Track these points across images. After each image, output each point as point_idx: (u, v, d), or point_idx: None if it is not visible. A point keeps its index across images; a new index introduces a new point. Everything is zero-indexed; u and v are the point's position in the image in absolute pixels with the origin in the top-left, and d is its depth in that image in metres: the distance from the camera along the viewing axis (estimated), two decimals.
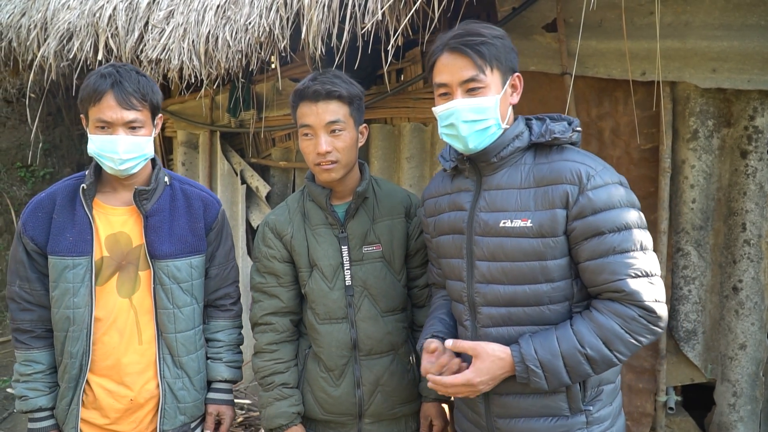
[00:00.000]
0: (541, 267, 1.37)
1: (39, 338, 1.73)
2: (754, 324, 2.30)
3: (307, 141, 1.68)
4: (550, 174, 1.37)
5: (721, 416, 2.39)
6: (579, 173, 1.34)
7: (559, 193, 1.34)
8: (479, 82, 1.37)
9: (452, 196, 1.53)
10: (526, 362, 1.33)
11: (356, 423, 1.78)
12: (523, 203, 1.38)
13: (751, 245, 2.28)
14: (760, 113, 2.23)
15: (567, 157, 1.39)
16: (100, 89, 1.59)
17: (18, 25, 3.60)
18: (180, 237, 1.76)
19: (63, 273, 1.67)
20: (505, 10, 2.54)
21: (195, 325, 1.81)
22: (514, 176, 1.42)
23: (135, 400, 1.73)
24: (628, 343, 1.31)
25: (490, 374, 1.35)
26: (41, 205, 1.72)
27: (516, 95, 1.46)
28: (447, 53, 1.40)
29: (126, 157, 1.63)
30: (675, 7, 2.25)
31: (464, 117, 1.38)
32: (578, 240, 1.35)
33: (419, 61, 3.09)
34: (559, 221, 1.34)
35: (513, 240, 1.38)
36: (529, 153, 1.44)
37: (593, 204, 1.32)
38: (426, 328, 1.62)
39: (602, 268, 1.32)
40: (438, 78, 1.42)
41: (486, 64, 1.37)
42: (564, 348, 1.32)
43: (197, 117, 4.04)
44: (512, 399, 1.44)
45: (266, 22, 2.56)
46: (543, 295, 1.38)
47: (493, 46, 1.38)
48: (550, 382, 1.33)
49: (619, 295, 1.31)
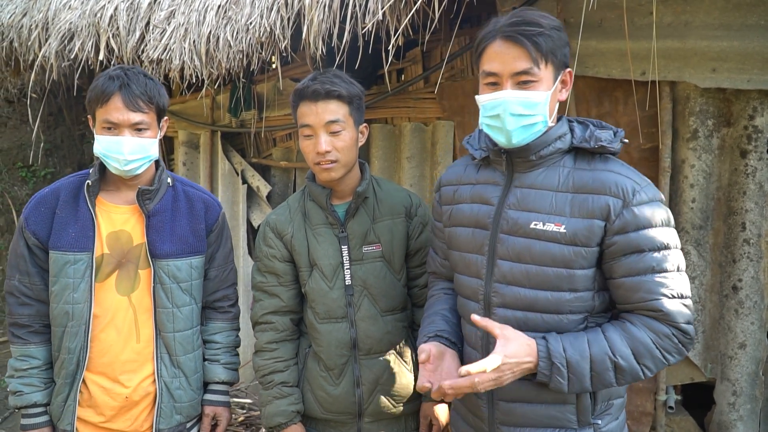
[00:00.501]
0: (568, 275, 1.31)
1: (36, 333, 1.74)
2: (754, 323, 2.31)
3: (307, 140, 1.69)
4: (592, 183, 1.31)
5: (721, 415, 2.40)
6: (624, 187, 1.28)
7: (600, 204, 1.29)
8: (532, 76, 1.29)
9: (477, 188, 1.46)
10: (552, 358, 1.26)
11: (356, 422, 1.78)
12: (558, 207, 1.32)
13: (750, 244, 2.28)
14: (760, 113, 2.23)
15: (612, 168, 1.33)
16: (107, 91, 1.61)
17: (19, 25, 3.61)
18: (181, 237, 1.77)
19: (64, 268, 1.68)
20: (505, 10, 2.55)
21: (193, 324, 1.83)
22: (551, 177, 1.35)
23: (130, 397, 1.74)
24: (657, 360, 1.28)
25: (517, 358, 1.24)
26: (44, 201, 1.73)
27: (565, 92, 1.38)
28: (500, 40, 1.30)
29: (131, 158, 1.65)
30: (675, 7, 2.25)
31: (512, 110, 1.29)
32: (616, 255, 1.30)
33: (420, 61, 3.10)
34: (595, 232, 1.29)
35: (542, 243, 1.32)
36: (568, 156, 1.38)
37: (637, 220, 1.27)
38: (426, 325, 1.54)
39: (639, 286, 1.28)
40: (487, 66, 1.32)
41: (541, 57, 1.28)
42: (594, 351, 1.26)
43: (198, 117, 4.05)
44: (519, 407, 1.38)
45: (267, 22, 2.57)
46: (565, 304, 1.33)
47: (550, 38, 1.29)
48: (572, 384, 1.27)
49: (655, 314, 1.28)
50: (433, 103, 3.05)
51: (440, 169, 3.02)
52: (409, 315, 1.86)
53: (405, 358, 1.82)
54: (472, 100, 2.79)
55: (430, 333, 1.49)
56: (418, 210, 1.83)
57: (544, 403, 1.37)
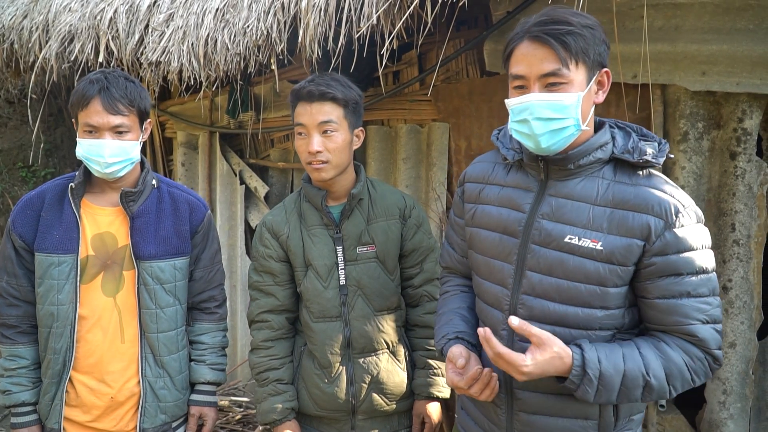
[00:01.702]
0: (602, 293, 1.25)
1: (24, 333, 1.77)
2: (744, 323, 2.34)
3: (300, 140, 1.72)
4: (634, 199, 1.24)
5: (712, 414, 2.43)
6: (668, 208, 1.22)
7: (640, 223, 1.22)
8: (561, 77, 1.21)
9: (507, 191, 1.38)
10: (587, 368, 1.20)
11: (349, 419, 1.81)
12: (596, 222, 1.25)
13: (740, 245, 2.31)
14: (749, 115, 2.26)
15: (656, 185, 1.26)
16: (87, 95, 1.64)
17: (20, 27, 3.64)
18: (164, 239, 1.79)
19: (48, 270, 1.70)
20: (499, 13, 2.58)
21: (177, 325, 1.84)
22: (590, 189, 1.28)
23: (115, 398, 1.76)
24: (685, 381, 1.24)
25: (541, 370, 1.20)
26: (30, 203, 1.76)
27: (602, 93, 1.30)
28: (527, 42, 1.24)
29: (111, 161, 1.67)
30: (665, 11, 2.28)
31: (539, 114, 1.22)
32: (652, 276, 1.24)
33: (416, 63, 3.13)
34: (634, 252, 1.23)
35: (577, 259, 1.26)
36: (608, 167, 1.30)
37: (679, 243, 1.21)
38: (444, 323, 1.48)
39: (674, 309, 1.23)
40: (514, 69, 1.26)
41: (570, 57, 1.21)
42: (629, 367, 1.21)
43: (197, 118, 4.08)
44: (541, 419, 1.34)
45: (264, 25, 2.60)
46: (595, 321, 1.27)
47: (581, 37, 1.21)
48: (599, 395, 1.22)
49: (690, 338, 1.24)
50: (428, 105, 3.08)
51: (435, 171, 3.05)
52: (402, 314, 1.89)
53: (398, 357, 1.85)
54: (467, 101, 2.84)
55: (450, 335, 1.42)
56: (412, 212, 1.86)
57: (566, 417, 1.33)
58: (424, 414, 1.85)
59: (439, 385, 1.84)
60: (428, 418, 1.85)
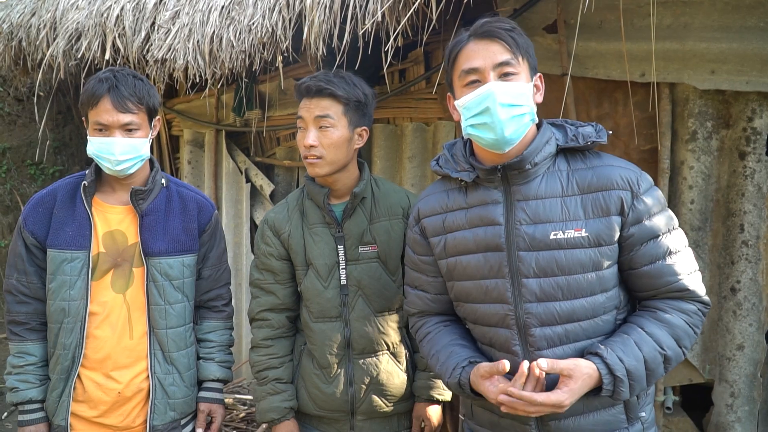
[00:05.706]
0: (598, 277, 1.30)
1: (33, 331, 1.78)
2: (752, 325, 2.31)
3: (300, 134, 1.72)
4: (597, 180, 1.31)
5: (719, 416, 2.40)
6: (629, 178, 1.30)
7: (613, 200, 1.29)
8: (514, 67, 1.29)
9: (475, 210, 1.38)
10: (615, 372, 1.23)
11: (348, 419, 1.80)
12: (572, 212, 1.30)
13: (749, 246, 2.28)
14: (759, 115, 2.23)
15: (610, 162, 1.33)
16: (97, 93, 1.66)
17: (28, 25, 3.66)
18: (173, 236, 1.81)
19: (61, 266, 1.72)
20: (505, 11, 2.56)
21: (185, 322, 1.85)
22: (553, 184, 1.33)
23: (122, 393, 1.77)
24: (692, 337, 1.31)
25: (578, 395, 1.23)
26: (42, 201, 1.78)
27: (539, 95, 1.38)
28: (475, 41, 1.31)
29: (122, 159, 1.69)
30: (674, 8, 2.26)
31: (502, 100, 1.27)
32: (634, 245, 1.30)
33: (422, 61, 3.11)
34: (614, 228, 1.29)
35: (567, 252, 1.29)
36: (559, 159, 1.36)
37: (648, 208, 1.30)
38: (446, 358, 1.42)
39: (662, 270, 1.30)
40: (466, 64, 1.31)
41: (518, 51, 1.30)
42: (646, 351, 1.26)
43: (203, 116, 4.08)
44: (572, 421, 1.34)
45: (269, 23, 2.60)
46: (599, 307, 1.32)
47: (522, 37, 1.31)
48: (633, 389, 1.26)
49: (681, 294, 1.31)
50: (434, 104, 3.06)
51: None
52: (403, 316, 1.86)
53: (398, 359, 1.83)
54: None
55: (462, 362, 1.39)
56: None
57: (594, 411, 1.35)
58: (424, 417, 1.83)
59: (440, 387, 1.82)
60: (428, 421, 1.83)
